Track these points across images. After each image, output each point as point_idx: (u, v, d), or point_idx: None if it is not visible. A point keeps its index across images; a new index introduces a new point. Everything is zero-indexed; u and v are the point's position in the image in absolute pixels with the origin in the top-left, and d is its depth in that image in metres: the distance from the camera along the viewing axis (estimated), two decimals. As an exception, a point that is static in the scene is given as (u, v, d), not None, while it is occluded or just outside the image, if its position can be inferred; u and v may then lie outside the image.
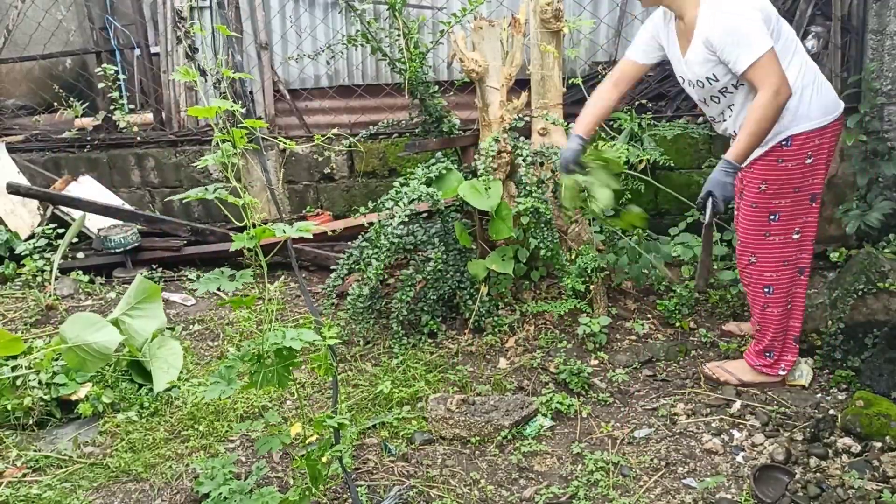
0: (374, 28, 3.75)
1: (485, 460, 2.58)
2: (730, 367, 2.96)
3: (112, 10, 5.68)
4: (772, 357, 2.86)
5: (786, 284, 2.73)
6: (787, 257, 2.68)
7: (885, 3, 3.82)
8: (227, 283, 1.88)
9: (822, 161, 2.58)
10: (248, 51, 5.04)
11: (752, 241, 2.71)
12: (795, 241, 2.67)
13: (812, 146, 2.53)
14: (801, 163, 2.54)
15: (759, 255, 2.72)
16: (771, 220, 2.64)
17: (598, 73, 4.56)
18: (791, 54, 2.51)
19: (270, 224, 1.91)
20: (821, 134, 2.53)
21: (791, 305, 2.79)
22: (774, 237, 2.66)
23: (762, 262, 2.72)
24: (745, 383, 2.91)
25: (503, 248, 3.44)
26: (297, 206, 5.15)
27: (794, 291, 2.77)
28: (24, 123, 5.94)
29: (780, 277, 2.71)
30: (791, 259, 2.69)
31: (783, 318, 2.78)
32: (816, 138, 2.53)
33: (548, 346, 3.30)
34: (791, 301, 2.78)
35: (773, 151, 2.55)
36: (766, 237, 2.67)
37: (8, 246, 4.58)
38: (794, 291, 2.77)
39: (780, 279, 2.71)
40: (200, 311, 4.00)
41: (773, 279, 2.72)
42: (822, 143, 2.55)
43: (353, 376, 3.14)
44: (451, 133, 3.82)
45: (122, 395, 3.03)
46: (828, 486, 2.27)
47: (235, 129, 1.86)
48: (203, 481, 2.23)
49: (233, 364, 1.89)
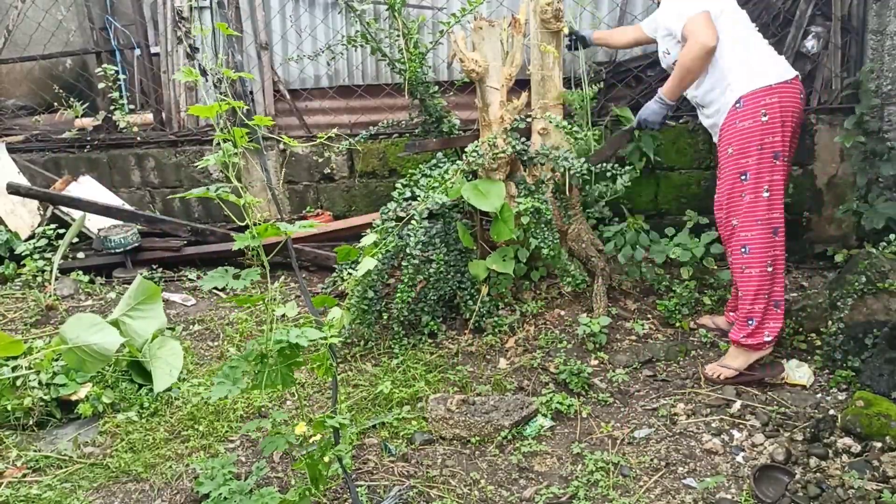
0: (374, 28, 3.75)
1: (485, 460, 2.58)
2: (724, 361, 2.99)
3: (112, 11, 5.68)
4: (753, 324, 2.92)
5: (761, 245, 2.89)
6: (759, 216, 2.87)
7: (885, 4, 3.82)
8: (232, 281, 1.88)
9: (778, 119, 2.81)
10: (249, 51, 5.05)
11: (732, 205, 2.93)
12: (766, 199, 2.86)
13: (764, 104, 2.81)
14: (756, 120, 2.82)
15: (738, 217, 2.91)
16: (742, 179, 2.88)
17: (598, 74, 4.56)
18: (741, 32, 2.91)
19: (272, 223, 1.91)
20: (769, 93, 2.81)
21: (772, 268, 2.89)
22: (747, 196, 2.88)
23: (739, 223, 2.93)
24: (742, 374, 2.92)
25: (504, 249, 3.44)
26: (297, 206, 5.15)
27: (774, 254, 2.90)
28: (24, 124, 5.94)
29: (755, 237, 2.89)
30: (763, 217, 2.87)
31: (763, 281, 2.90)
32: (766, 97, 2.81)
33: (548, 346, 3.30)
34: (771, 264, 2.89)
35: (731, 115, 2.87)
36: (742, 198, 2.89)
37: (8, 246, 4.58)
38: (773, 254, 2.90)
39: (754, 238, 2.89)
40: (200, 311, 4.01)
41: (748, 238, 2.90)
42: (773, 101, 2.81)
43: (354, 376, 3.14)
44: (452, 133, 3.82)
45: (122, 396, 3.03)
46: (828, 486, 2.27)
47: (236, 129, 1.86)
48: (203, 481, 2.23)
49: (237, 364, 1.88)
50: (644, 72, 4.50)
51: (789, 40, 4.25)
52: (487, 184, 3.31)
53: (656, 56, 4.43)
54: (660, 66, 4.45)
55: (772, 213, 2.87)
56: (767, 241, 2.87)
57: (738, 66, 2.85)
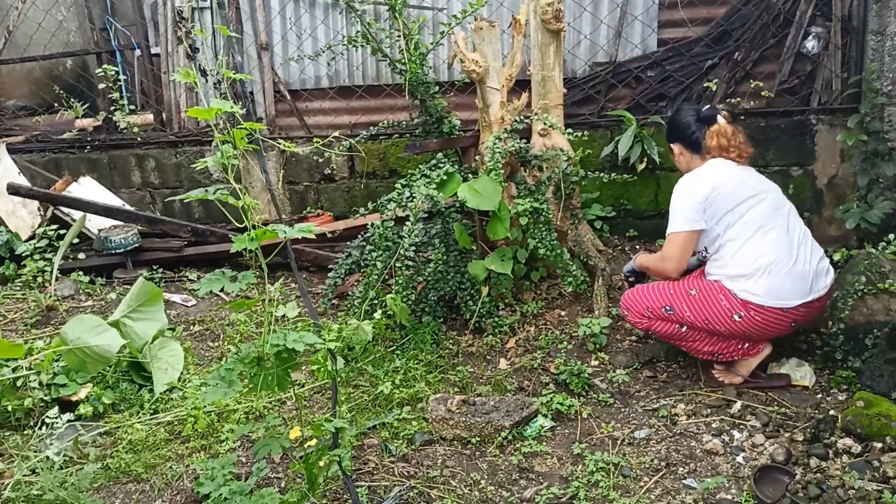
0: (375, 29, 3.75)
1: (485, 461, 2.58)
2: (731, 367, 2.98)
3: (112, 11, 5.69)
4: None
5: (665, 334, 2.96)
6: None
7: (885, 4, 3.82)
8: (229, 284, 1.88)
9: (742, 328, 2.76)
10: (249, 51, 5.05)
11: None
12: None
13: (748, 310, 2.74)
14: (729, 316, 2.77)
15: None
16: (691, 294, 2.86)
17: (598, 75, 4.56)
18: (748, 237, 2.77)
19: (271, 225, 1.91)
20: (756, 310, 2.73)
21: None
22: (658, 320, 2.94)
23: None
24: (747, 381, 2.91)
25: (502, 249, 3.44)
26: (298, 206, 5.15)
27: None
28: (24, 124, 5.95)
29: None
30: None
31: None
32: (752, 311, 2.74)
33: (548, 346, 3.30)
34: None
35: (713, 284, 2.82)
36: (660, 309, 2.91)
37: (8, 247, 4.58)
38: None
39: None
40: (201, 311, 4.01)
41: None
42: (757, 318, 2.74)
43: (354, 377, 3.14)
44: (452, 134, 3.82)
45: (122, 396, 3.03)
46: (828, 486, 2.26)
47: (236, 131, 1.86)
48: (203, 482, 2.23)
49: (232, 366, 1.88)
50: (644, 72, 4.51)
51: (790, 41, 4.25)
52: (484, 183, 3.31)
53: (656, 57, 4.47)
54: (660, 67, 4.48)
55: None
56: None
57: (733, 269, 2.78)
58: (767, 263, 2.72)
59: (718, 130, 2.92)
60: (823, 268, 2.84)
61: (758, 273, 2.73)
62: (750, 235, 2.78)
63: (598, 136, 4.48)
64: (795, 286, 2.74)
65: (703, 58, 4.39)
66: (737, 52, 4.31)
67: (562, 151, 3.51)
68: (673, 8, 4.44)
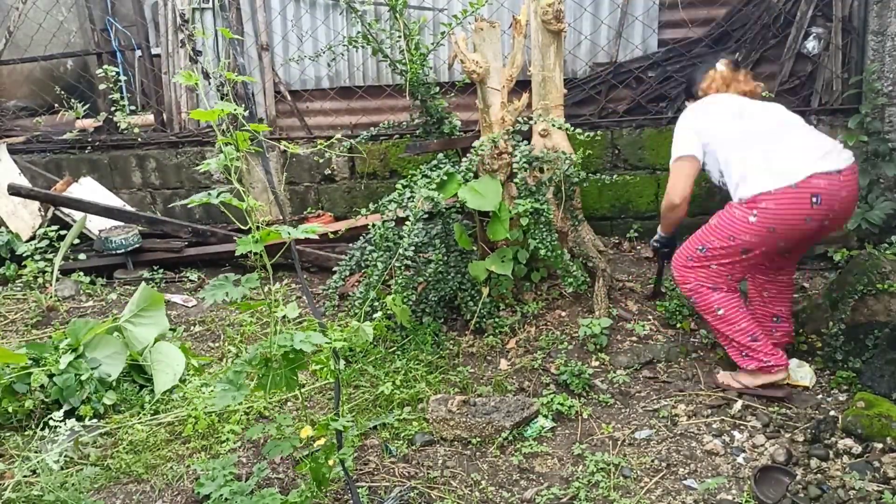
0: (376, 29, 3.76)
1: (486, 461, 2.58)
2: (738, 376, 2.93)
3: (113, 12, 5.69)
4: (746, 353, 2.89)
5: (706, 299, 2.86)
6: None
7: (885, 5, 3.82)
8: (234, 290, 1.88)
9: (764, 226, 2.65)
10: (249, 52, 5.05)
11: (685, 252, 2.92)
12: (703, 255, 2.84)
13: (758, 203, 2.65)
14: (745, 220, 2.68)
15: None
16: (699, 251, 2.83)
17: (599, 75, 4.57)
18: (747, 148, 2.73)
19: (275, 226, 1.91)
20: (766, 199, 2.63)
21: (722, 311, 2.85)
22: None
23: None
24: (747, 388, 2.89)
25: (502, 250, 3.44)
26: (298, 207, 5.15)
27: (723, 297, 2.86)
28: (25, 125, 5.95)
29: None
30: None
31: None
32: (763, 201, 2.63)
33: (549, 347, 3.30)
34: (721, 307, 2.86)
35: (729, 205, 2.77)
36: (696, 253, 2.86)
37: (9, 247, 4.58)
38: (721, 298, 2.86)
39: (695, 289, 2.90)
40: (201, 312, 4.01)
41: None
42: (770, 206, 2.62)
43: (355, 377, 3.14)
44: (453, 134, 3.82)
45: (123, 397, 3.03)
46: (829, 487, 2.27)
47: (238, 132, 1.86)
48: (204, 482, 2.23)
49: (241, 369, 1.88)
50: (644, 73, 4.51)
51: (790, 41, 4.26)
52: (484, 183, 3.31)
53: (657, 57, 4.47)
54: (660, 68, 4.48)
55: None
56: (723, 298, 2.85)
57: (738, 178, 2.73)
58: (763, 156, 2.68)
59: (713, 75, 2.98)
60: (835, 146, 2.69)
61: (757, 169, 2.67)
62: (749, 146, 2.73)
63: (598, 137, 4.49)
64: (798, 159, 2.62)
65: (704, 58, 4.39)
66: (737, 53, 4.32)
67: (563, 153, 3.51)
68: (673, 8, 4.44)
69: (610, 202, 4.57)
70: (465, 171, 3.28)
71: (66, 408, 2.87)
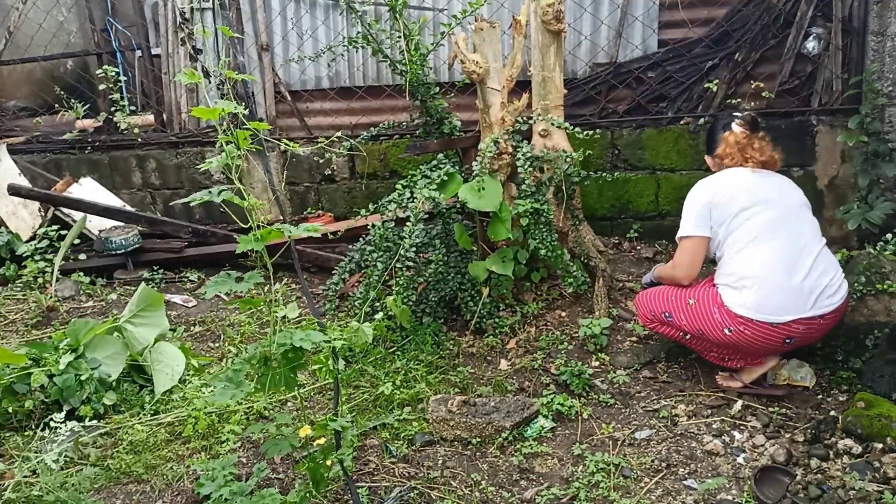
0: (375, 29, 3.76)
1: (486, 461, 2.58)
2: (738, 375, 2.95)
3: (113, 12, 5.69)
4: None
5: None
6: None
7: (885, 5, 3.82)
8: (235, 286, 1.88)
9: (734, 341, 2.73)
10: (250, 52, 5.05)
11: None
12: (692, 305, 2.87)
13: (737, 324, 2.70)
14: (720, 329, 2.74)
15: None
16: (665, 316, 2.92)
17: (599, 75, 4.57)
18: (743, 246, 2.73)
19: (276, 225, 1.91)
20: (745, 324, 2.68)
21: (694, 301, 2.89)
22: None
23: None
24: (747, 387, 2.89)
25: (503, 250, 3.44)
26: (298, 207, 5.15)
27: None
28: (25, 125, 5.95)
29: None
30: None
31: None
32: (741, 325, 2.69)
33: (549, 347, 3.30)
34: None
35: (713, 294, 2.79)
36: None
37: (9, 247, 4.58)
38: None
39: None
40: (201, 312, 4.01)
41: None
42: (746, 332, 2.69)
43: (354, 378, 3.14)
44: (452, 134, 3.82)
45: (123, 397, 3.03)
46: (829, 487, 2.26)
47: (239, 132, 1.86)
48: (204, 482, 2.23)
49: (240, 367, 1.88)
50: (644, 73, 4.51)
51: (790, 41, 4.25)
52: (485, 183, 3.31)
53: (657, 57, 4.47)
54: (660, 68, 4.48)
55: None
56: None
57: (730, 275, 2.74)
58: (759, 276, 2.66)
59: (726, 138, 2.92)
60: (831, 284, 2.68)
61: (749, 285, 2.66)
62: (745, 245, 2.71)
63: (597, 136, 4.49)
64: (788, 301, 2.63)
65: (704, 59, 4.39)
66: (737, 53, 4.32)
67: (563, 152, 3.51)
68: (673, 9, 4.44)
69: (610, 202, 4.57)
70: (478, 175, 3.28)
71: (66, 408, 2.87)
